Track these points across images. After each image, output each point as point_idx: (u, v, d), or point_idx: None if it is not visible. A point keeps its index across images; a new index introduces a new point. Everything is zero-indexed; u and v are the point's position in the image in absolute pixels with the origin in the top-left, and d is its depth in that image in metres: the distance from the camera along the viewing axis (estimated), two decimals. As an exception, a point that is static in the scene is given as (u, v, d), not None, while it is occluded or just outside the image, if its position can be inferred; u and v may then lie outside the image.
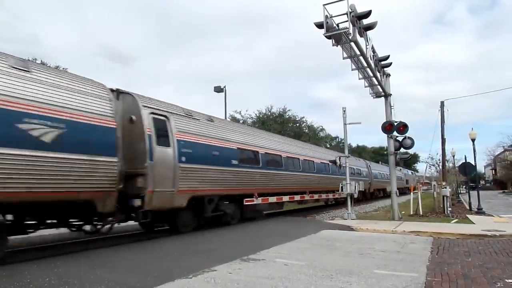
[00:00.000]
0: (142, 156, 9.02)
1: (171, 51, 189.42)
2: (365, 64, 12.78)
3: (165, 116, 10.00)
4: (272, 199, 14.62)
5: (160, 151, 9.43)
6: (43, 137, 6.74)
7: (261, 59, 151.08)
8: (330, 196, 20.78)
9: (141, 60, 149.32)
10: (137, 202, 8.80)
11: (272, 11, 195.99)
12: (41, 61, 25.64)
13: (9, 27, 63.88)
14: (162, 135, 9.69)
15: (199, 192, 10.66)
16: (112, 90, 8.99)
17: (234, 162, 12.49)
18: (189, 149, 10.36)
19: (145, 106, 9.51)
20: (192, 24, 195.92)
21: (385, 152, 18.53)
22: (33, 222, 7.65)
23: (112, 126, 8.15)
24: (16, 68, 6.71)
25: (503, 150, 70.77)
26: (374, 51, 13.43)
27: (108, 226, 8.73)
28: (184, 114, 11.04)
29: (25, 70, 6.87)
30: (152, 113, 9.62)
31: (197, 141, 10.86)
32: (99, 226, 8.64)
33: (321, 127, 46.12)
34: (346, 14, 10.38)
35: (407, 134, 14.28)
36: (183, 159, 10.05)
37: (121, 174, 8.26)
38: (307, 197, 17.71)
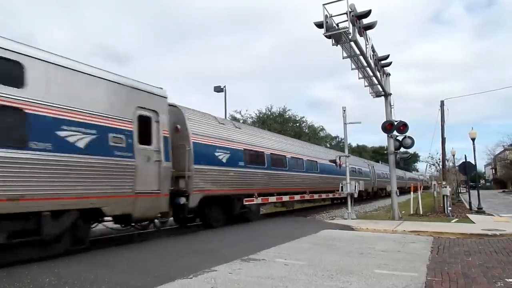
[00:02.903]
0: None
1: (169, 50, 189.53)
2: (365, 64, 12.76)
3: None
4: (272, 199, 14.68)
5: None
6: None
7: (259, 58, 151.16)
8: (330, 195, 20.82)
9: (138, 60, 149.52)
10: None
11: (270, 10, 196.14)
12: None
13: (4, 26, 63.86)
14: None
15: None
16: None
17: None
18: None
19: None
20: (190, 23, 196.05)
21: (385, 152, 18.48)
22: None
23: None
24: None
25: (503, 149, 70.81)
26: (374, 51, 13.41)
27: None
28: None
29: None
30: None
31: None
32: None
33: (321, 127, 46.17)
34: (346, 13, 10.36)
35: (407, 134, 14.29)
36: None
37: None
38: (307, 196, 17.75)
